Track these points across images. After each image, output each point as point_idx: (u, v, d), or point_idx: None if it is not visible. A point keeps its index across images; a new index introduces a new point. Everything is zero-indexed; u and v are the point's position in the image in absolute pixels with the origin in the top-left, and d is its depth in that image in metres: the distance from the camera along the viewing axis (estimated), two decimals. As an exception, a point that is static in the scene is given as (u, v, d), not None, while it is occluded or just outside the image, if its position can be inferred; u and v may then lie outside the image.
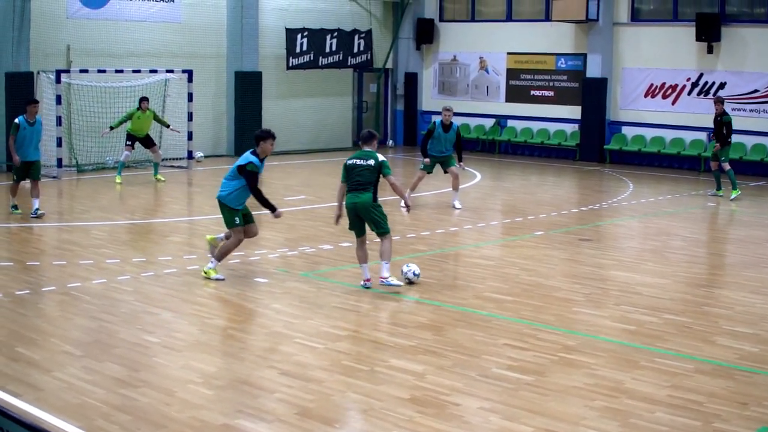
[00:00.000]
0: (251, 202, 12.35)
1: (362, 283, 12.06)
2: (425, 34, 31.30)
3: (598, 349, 9.59)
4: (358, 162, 12.03)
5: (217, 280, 12.29)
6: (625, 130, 27.41)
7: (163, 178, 22.13)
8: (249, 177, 12.08)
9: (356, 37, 30.44)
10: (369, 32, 30.80)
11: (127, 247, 14.62)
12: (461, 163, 18.65)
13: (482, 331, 10.17)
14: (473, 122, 30.56)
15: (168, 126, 22.42)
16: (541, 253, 14.51)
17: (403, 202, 12.89)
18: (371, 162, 11.97)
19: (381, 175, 12.00)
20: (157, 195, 20.44)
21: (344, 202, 12.14)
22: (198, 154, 25.59)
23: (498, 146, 30.11)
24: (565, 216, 18.19)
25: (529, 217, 17.93)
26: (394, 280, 12.05)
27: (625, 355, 9.38)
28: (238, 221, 12.33)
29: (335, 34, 29.82)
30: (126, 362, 8.92)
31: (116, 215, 17.50)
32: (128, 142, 21.69)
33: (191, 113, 24.64)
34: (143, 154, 23.95)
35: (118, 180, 21.47)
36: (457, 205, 18.65)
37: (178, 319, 10.58)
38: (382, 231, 12.05)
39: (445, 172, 18.76)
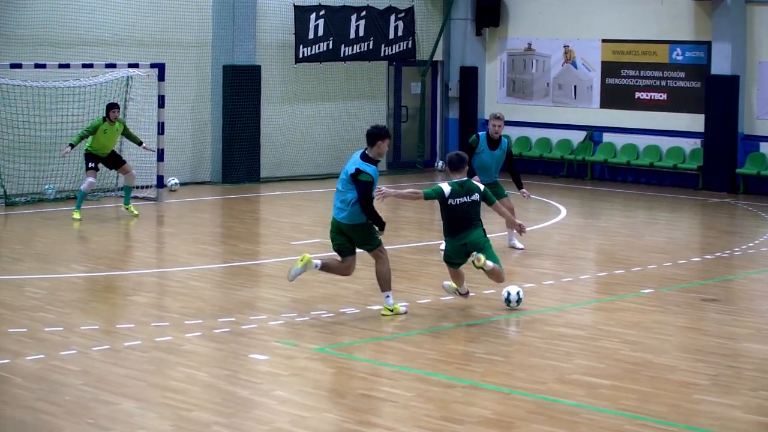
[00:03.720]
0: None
1: (460, 293, 14.65)
2: (489, 13, 31.40)
3: (730, 453, 9.59)
4: (462, 200, 13.74)
5: (403, 312, 14.18)
6: (764, 147, 27.34)
7: (136, 211, 22.16)
8: (361, 186, 13.66)
9: (393, 17, 30.59)
10: (410, 11, 30.96)
11: (74, 310, 14.70)
12: (524, 191, 18.72)
13: (567, 428, 10.16)
14: (555, 136, 30.63)
15: (140, 143, 22.38)
16: (649, 319, 14.49)
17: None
18: (476, 197, 13.90)
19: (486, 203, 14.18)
20: (116, 237, 20.55)
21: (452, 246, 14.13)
22: (171, 181, 25.67)
23: (590, 169, 30.17)
24: (683, 267, 18.17)
25: (633, 268, 17.91)
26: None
27: (766, 462, 9.38)
28: (378, 238, 14.06)
29: (363, 13, 29.95)
30: (72, 470, 8.99)
31: (59, 266, 17.63)
32: (90, 165, 21.70)
33: (162, 123, 24.60)
34: (100, 180, 23.79)
35: (76, 216, 21.56)
36: (518, 244, 18.86)
37: (143, 410, 10.61)
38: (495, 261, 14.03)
39: None
